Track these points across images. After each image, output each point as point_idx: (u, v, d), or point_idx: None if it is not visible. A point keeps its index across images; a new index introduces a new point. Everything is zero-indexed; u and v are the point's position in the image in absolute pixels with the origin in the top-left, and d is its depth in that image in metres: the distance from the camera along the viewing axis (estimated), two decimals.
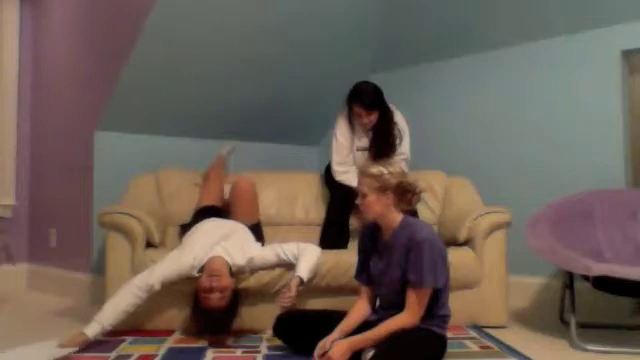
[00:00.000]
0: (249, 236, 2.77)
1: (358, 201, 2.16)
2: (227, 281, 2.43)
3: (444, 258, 2.09)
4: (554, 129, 3.32)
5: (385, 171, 2.11)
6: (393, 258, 2.11)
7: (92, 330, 2.29)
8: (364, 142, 3.17)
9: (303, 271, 2.51)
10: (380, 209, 2.11)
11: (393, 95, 3.25)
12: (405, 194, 2.12)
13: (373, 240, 2.24)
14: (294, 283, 2.46)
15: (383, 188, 2.09)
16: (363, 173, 2.14)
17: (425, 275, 2.01)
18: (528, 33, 3.41)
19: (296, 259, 2.57)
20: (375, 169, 2.12)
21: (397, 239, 2.11)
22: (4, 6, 3.99)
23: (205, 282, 2.39)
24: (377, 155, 3.08)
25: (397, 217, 2.14)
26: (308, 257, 2.57)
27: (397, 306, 2.08)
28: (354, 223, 3.20)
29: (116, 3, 3.28)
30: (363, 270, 2.27)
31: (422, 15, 3.71)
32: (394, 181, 2.10)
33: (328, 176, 3.29)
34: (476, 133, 3.65)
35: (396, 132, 3.15)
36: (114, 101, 3.30)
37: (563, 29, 3.29)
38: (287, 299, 2.41)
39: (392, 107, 3.18)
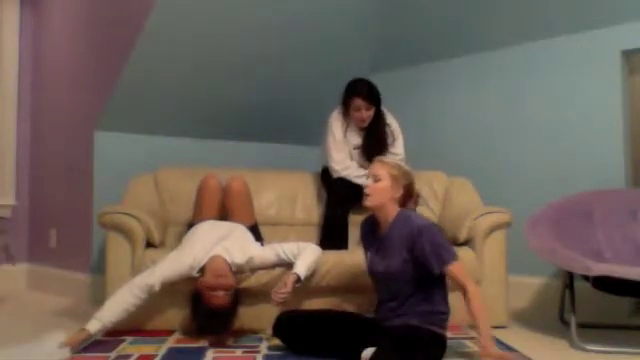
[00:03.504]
0: (248, 235, 2.77)
1: (368, 182, 2.20)
2: (232, 280, 2.45)
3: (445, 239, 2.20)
4: (554, 129, 3.32)
5: (404, 167, 2.24)
6: (392, 250, 2.15)
7: (93, 327, 2.29)
8: (357, 140, 3.18)
9: (300, 269, 2.50)
10: (386, 197, 2.17)
11: (393, 95, 3.26)
12: (409, 197, 2.22)
13: (372, 234, 2.28)
14: (290, 279, 2.45)
15: (397, 179, 2.18)
16: (382, 160, 2.26)
17: (444, 255, 2.07)
18: (528, 33, 3.41)
19: (296, 259, 2.57)
20: (396, 162, 2.26)
21: (394, 232, 2.16)
22: (4, 6, 3.99)
23: (211, 281, 2.39)
24: (369, 154, 3.10)
25: (394, 211, 2.19)
26: (307, 255, 2.56)
27: (394, 298, 2.13)
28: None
29: (116, 3, 3.28)
30: None
31: (422, 15, 3.71)
32: (408, 180, 2.21)
33: (325, 177, 3.29)
34: (476, 133, 3.65)
35: (388, 132, 3.17)
36: (114, 101, 3.30)
37: (563, 29, 3.29)
38: (282, 295, 2.40)
39: (384, 109, 3.19)
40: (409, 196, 2.21)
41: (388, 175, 2.16)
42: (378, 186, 2.16)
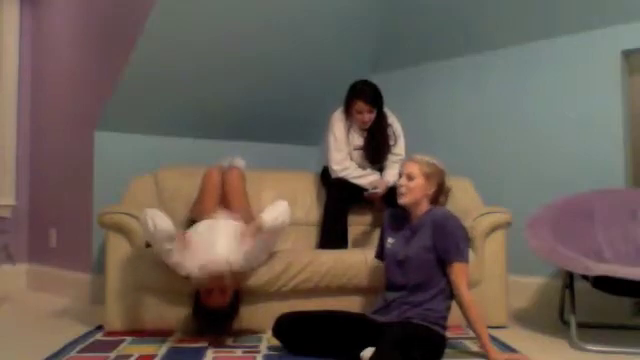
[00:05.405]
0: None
1: (401, 182, 2.26)
2: (228, 280, 2.41)
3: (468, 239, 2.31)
4: (554, 129, 3.32)
5: (436, 164, 2.27)
6: (417, 237, 2.22)
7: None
8: (359, 141, 3.18)
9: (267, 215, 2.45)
10: (419, 195, 2.24)
11: (393, 95, 3.26)
12: (440, 193, 2.29)
13: (398, 223, 2.35)
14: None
15: (430, 177, 2.24)
16: (415, 158, 2.29)
17: (458, 250, 2.17)
18: (528, 33, 3.41)
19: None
20: (428, 158, 2.28)
21: (423, 223, 2.23)
22: (4, 7, 3.99)
23: (204, 282, 2.38)
24: (372, 154, 3.16)
25: (426, 206, 2.28)
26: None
27: (402, 287, 2.20)
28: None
29: (116, 4, 3.28)
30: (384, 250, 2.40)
31: (422, 15, 3.71)
32: (440, 177, 2.27)
33: (325, 176, 3.29)
34: (476, 133, 3.65)
35: (390, 133, 3.19)
36: (114, 101, 3.30)
37: (563, 29, 3.29)
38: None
39: (386, 110, 3.21)
40: (440, 191, 2.30)
41: (421, 173, 2.24)
42: (412, 184, 2.23)
